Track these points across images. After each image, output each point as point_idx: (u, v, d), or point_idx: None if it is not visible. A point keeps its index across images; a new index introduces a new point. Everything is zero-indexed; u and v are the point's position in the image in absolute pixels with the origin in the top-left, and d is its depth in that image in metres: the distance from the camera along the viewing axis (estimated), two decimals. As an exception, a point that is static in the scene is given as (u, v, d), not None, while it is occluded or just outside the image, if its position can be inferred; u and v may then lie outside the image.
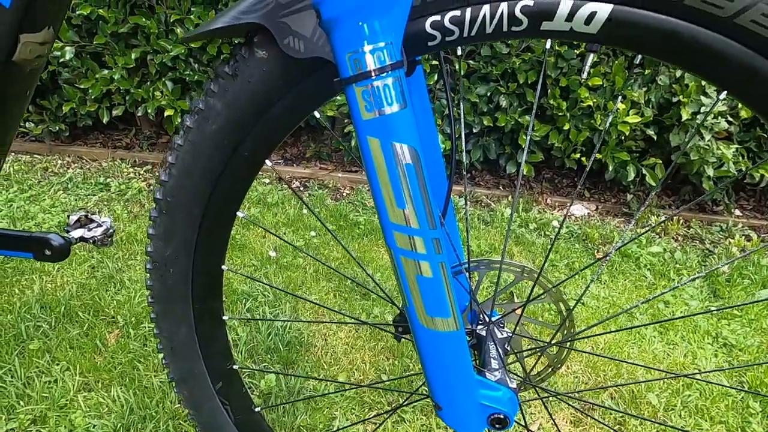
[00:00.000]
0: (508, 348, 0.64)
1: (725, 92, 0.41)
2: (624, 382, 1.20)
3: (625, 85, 1.89)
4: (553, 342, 0.65)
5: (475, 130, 2.14)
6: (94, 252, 1.56)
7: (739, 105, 1.88)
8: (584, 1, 0.39)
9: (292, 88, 0.47)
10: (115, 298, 1.36)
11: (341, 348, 1.24)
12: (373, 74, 0.35)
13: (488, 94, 2.05)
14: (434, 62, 2.03)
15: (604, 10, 0.39)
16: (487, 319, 0.64)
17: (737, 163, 1.94)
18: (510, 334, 0.64)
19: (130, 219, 1.83)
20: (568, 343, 0.67)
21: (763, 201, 2.24)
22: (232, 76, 0.46)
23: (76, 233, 0.79)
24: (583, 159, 2.11)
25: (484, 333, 0.63)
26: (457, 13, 0.41)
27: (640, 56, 0.40)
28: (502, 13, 0.41)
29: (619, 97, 1.08)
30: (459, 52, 1.62)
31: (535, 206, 2.13)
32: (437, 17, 0.42)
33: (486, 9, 0.41)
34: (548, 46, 0.46)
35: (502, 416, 0.50)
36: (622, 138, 2.00)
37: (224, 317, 0.64)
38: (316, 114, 0.50)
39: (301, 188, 2.24)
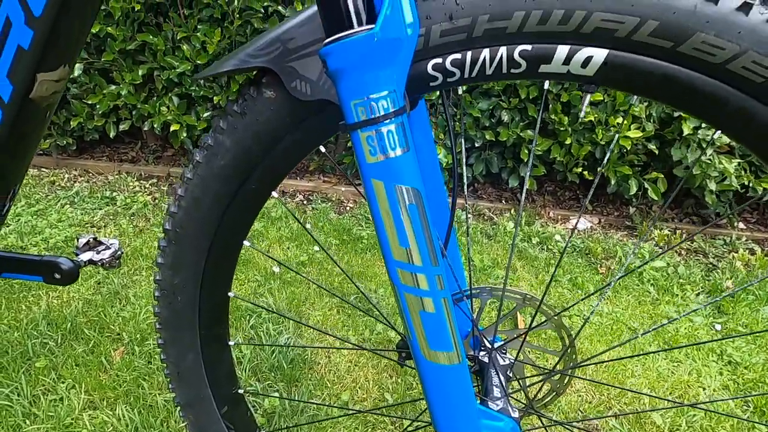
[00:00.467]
0: (511, 375, 0.64)
1: (719, 132, 0.42)
2: (627, 406, 1.19)
3: (627, 100, 1.91)
4: (556, 369, 0.65)
5: (477, 145, 2.16)
6: (100, 267, 1.57)
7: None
8: (581, 46, 0.40)
9: (299, 125, 0.48)
10: (120, 315, 1.37)
11: (344, 365, 1.25)
12: (376, 121, 0.37)
13: (490, 108, 2.07)
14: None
15: (600, 55, 0.40)
16: (490, 346, 0.65)
17: (739, 177, 1.95)
18: (512, 361, 0.64)
19: (136, 233, 1.85)
20: (571, 371, 0.67)
21: (766, 214, 2.24)
22: (240, 114, 0.48)
23: (85, 256, 0.81)
24: (585, 173, 2.12)
25: (486, 359, 0.64)
26: (458, 55, 0.43)
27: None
28: (501, 56, 0.42)
29: (624, 113, 1.09)
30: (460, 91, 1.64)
31: (537, 220, 2.13)
32: (439, 60, 0.43)
33: (486, 52, 0.42)
34: (546, 86, 0.47)
35: (504, 446, 0.51)
36: (624, 152, 2.01)
37: (230, 342, 0.65)
38: (322, 148, 0.52)
39: (305, 202, 2.26)
